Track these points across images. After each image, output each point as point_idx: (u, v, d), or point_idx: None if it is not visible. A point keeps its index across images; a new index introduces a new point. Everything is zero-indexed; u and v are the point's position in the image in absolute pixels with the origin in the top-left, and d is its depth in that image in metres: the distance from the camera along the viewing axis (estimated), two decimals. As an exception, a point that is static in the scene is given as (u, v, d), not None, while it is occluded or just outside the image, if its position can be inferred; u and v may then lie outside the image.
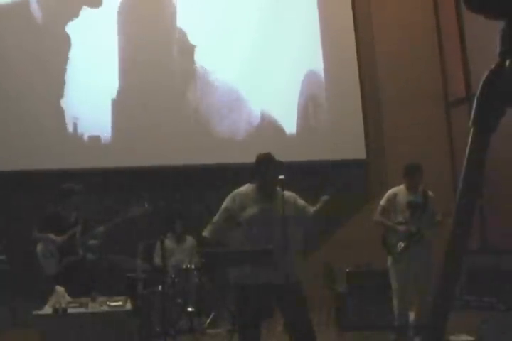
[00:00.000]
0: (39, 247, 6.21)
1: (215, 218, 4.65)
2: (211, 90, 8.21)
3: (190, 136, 8.04)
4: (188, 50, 8.19)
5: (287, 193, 4.56)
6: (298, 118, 8.31)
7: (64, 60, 7.98)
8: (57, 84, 7.94)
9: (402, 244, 5.73)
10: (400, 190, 5.94)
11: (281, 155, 7.63)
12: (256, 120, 8.24)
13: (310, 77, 8.38)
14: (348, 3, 8.48)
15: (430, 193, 5.90)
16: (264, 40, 8.27)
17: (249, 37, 8.26)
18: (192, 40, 8.21)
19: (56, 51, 8.00)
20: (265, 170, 4.57)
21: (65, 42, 7.99)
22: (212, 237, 4.63)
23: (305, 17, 8.42)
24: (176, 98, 8.21)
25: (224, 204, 4.64)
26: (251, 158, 7.65)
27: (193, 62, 8.21)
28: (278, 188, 4.57)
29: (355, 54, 8.38)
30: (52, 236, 6.14)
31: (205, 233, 4.65)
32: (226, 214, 4.60)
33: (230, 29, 8.23)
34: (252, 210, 4.52)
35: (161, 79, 8.16)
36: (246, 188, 4.66)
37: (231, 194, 4.67)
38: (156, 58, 8.16)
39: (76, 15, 8.03)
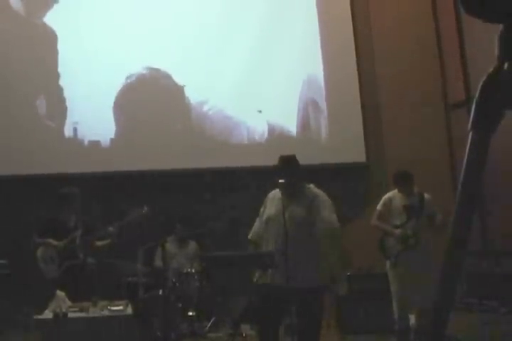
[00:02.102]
0: (39, 252, 6.21)
1: (256, 221, 4.82)
2: (210, 95, 8.21)
3: (191, 140, 8.04)
4: (186, 55, 8.19)
5: (314, 192, 4.61)
6: (298, 122, 8.31)
7: (64, 64, 8.00)
8: (57, 89, 7.94)
9: (398, 248, 5.73)
10: (395, 193, 5.95)
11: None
12: (256, 124, 8.23)
13: (310, 81, 8.39)
14: (347, 7, 8.49)
15: (427, 196, 5.89)
16: (262, 45, 8.27)
17: (248, 43, 8.26)
18: (190, 44, 8.20)
19: (57, 55, 8.02)
20: (280, 173, 4.58)
21: (66, 47, 8.01)
22: (253, 239, 4.77)
23: (304, 23, 8.42)
24: (174, 103, 8.22)
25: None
26: (250, 162, 7.69)
27: (190, 66, 8.21)
28: (308, 189, 4.62)
29: (355, 58, 8.39)
30: (52, 240, 6.15)
31: (249, 235, 4.82)
32: (260, 216, 4.75)
33: (228, 35, 8.24)
34: (270, 211, 4.61)
35: (162, 83, 8.17)
36: (276, 190, 4.73)
37: (265, 198, 4.84)
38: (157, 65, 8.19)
39: (79, 20, 8.05)
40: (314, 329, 4.46)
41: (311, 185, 4.69)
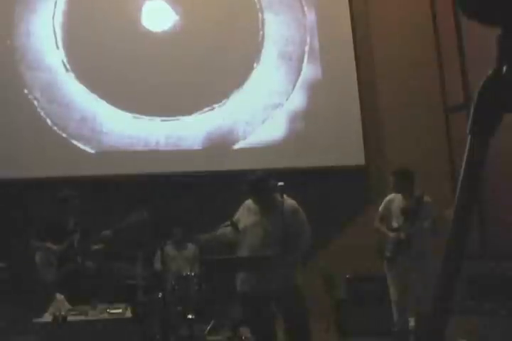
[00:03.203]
0: (38, 256, 6.22)
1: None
2: (210, 94, 8.22)
3: (189, 143, 8.04)
4: (182, 62, 8.19)
5: (288, 202, 4.66)
6: (297, 125, 8.30)
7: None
8: (54, 92, 7.96)
9: (392, 251, 5.73)
10: (397, 195, 5.94)
11: (282, 162, 7.67)
12: (255, 126, 8.23)
13: (309, 83, 8.39)
14: (347, 10, 8.48)
15: (427, 199, 5.85)
16: (262, 48, 8.30)
17: (245, 46, 8.29)
18: (189, 49, 8.21)
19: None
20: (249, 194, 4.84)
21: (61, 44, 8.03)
22: (210, 236, 5.00)
23: (304, 28, 8.42)
24: (172, 107, 8.22)
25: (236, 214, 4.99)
26: (250, 165, 7.68)
27: (187, 71, 8.22)
28: (278, 200, 4.72)
29: (354, 60, 8.39)
30: (50, 244, 6.15)
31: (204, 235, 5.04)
32: (230, 221, 4.89)
33: (228, 37, 8.25)
34: (247, 221, 4.80)
35: (159, 84, 8.18)
36: (250, 200, 4.92)
37: (242, 204, 5.00)
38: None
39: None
40: (303, 327, 4.57)
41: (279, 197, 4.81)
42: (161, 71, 8.12)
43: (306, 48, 8.40)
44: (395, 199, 5.92)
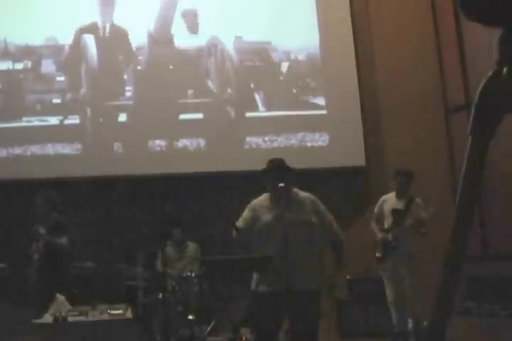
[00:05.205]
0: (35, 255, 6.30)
1: (239, 224, 4.62)
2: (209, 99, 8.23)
3: (190, 144, 8.05)
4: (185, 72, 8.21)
5: (304, 195, 4.63)
6: (298, 125, 8.30)
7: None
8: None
9: (382, 251, 5.75)
10: (390, 196, 5.97)
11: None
12: (255, 126, 8.23)
13: (310, 85, 8.40)
14: (348, 13, 8.48)
15: (418, 200, 5.87)
16: (263, 48, 8.32)
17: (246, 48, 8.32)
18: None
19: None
20: (266, 179, 4.60)
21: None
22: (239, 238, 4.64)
23: (304, 27, 8.42)
24: (171, 107, 8.23)
25: (243, 214, 4.69)
26: (250, 166, 7.68)
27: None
28: (294, 192, 4.62)
29: (355, 62, 8.39)
30: (35, 244, 6.24)
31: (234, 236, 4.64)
32: (235, 228, 4.58)
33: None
34: (265, 218, 4.56)
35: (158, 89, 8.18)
36: (262, 198, 4.72)
37: (249, 204, 4.73)
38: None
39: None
40: (313, 332, 4.47)
41: (296, 189, 4.69)
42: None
43: (308, 51, 8.41)
44: (388, 199, 5.96)
